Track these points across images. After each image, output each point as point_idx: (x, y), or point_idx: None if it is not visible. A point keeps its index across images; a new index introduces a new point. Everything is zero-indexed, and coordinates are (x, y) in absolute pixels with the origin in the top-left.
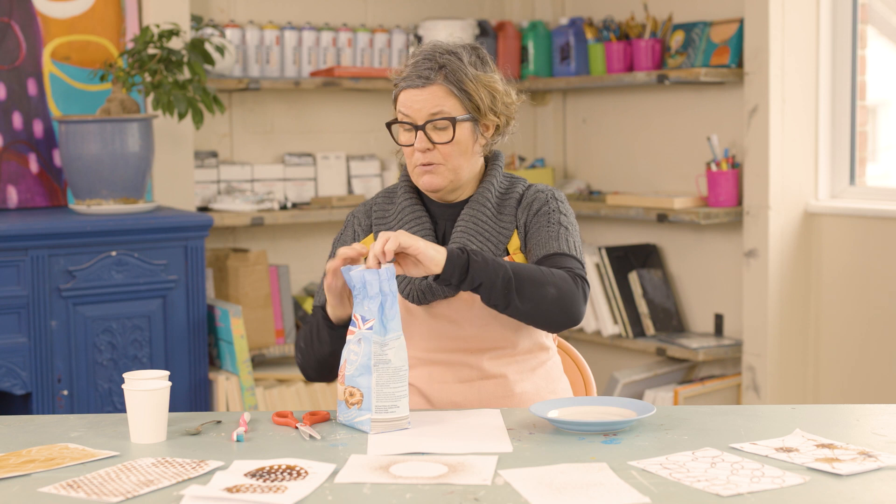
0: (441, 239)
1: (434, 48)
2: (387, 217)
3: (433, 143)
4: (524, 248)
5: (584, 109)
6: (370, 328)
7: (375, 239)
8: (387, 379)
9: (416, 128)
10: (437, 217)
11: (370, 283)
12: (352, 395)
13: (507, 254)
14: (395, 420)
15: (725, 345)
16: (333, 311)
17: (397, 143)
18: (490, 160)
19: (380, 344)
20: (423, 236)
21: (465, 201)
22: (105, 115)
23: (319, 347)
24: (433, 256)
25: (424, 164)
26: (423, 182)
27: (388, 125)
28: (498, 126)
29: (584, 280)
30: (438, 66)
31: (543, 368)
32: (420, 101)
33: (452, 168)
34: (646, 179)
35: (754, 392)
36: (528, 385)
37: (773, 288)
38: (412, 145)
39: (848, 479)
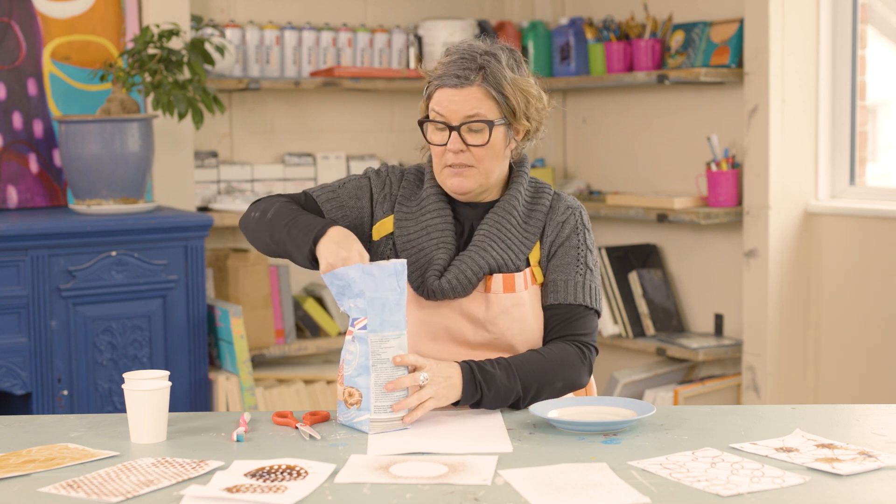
0: (462, 236)
1: (472, 48)
2: (410, 203)
3: (467, 144)
4: (544, 267)
5: (584, 109)
6: (363, 328)
7: (395, 222)
8: (385, 379)
9: (451, 128)
10: (460, 215)
11: (354, 280)
12: (351, 395)
13: (528, 265)
14: (395, 420)
15: (725, 345)
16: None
17: (427, 140)
18: (516, 165)
19: (378, 342)
20: (443, 231)
21: (490, 204)
22: (105, 115)
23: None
24: (452, 399)
25: (454, 166)
26: (452, 184)
27: (420, 123)
28: (528, 131)
29: (592, 348)
30: (478, 67)
31: None
32: (457, 102)
33: (484, 171)
34: (646, 179)
35: (754, 392)
36: None
37: (773, 288)
38: (444, 145)
39: (848, 479)
